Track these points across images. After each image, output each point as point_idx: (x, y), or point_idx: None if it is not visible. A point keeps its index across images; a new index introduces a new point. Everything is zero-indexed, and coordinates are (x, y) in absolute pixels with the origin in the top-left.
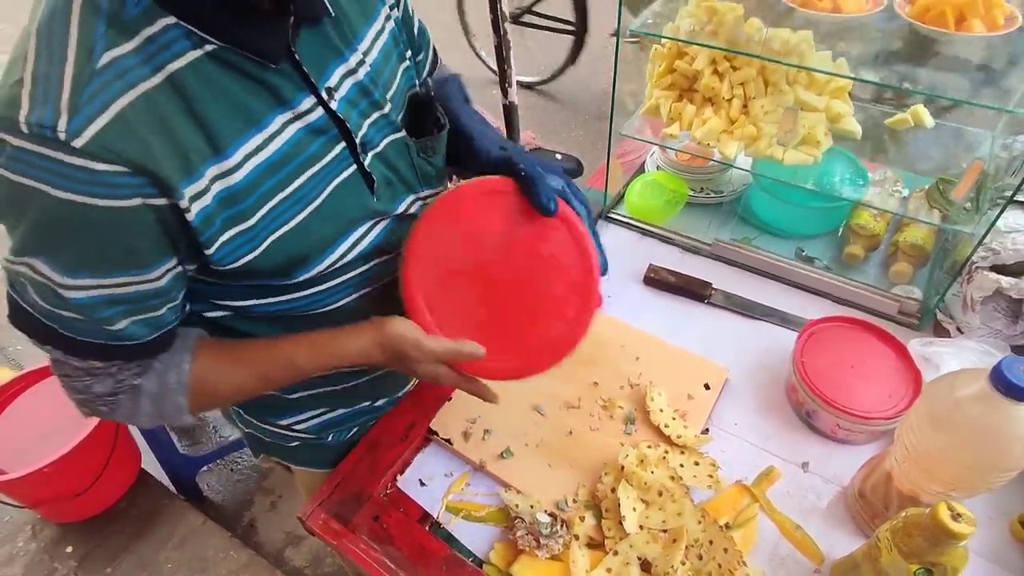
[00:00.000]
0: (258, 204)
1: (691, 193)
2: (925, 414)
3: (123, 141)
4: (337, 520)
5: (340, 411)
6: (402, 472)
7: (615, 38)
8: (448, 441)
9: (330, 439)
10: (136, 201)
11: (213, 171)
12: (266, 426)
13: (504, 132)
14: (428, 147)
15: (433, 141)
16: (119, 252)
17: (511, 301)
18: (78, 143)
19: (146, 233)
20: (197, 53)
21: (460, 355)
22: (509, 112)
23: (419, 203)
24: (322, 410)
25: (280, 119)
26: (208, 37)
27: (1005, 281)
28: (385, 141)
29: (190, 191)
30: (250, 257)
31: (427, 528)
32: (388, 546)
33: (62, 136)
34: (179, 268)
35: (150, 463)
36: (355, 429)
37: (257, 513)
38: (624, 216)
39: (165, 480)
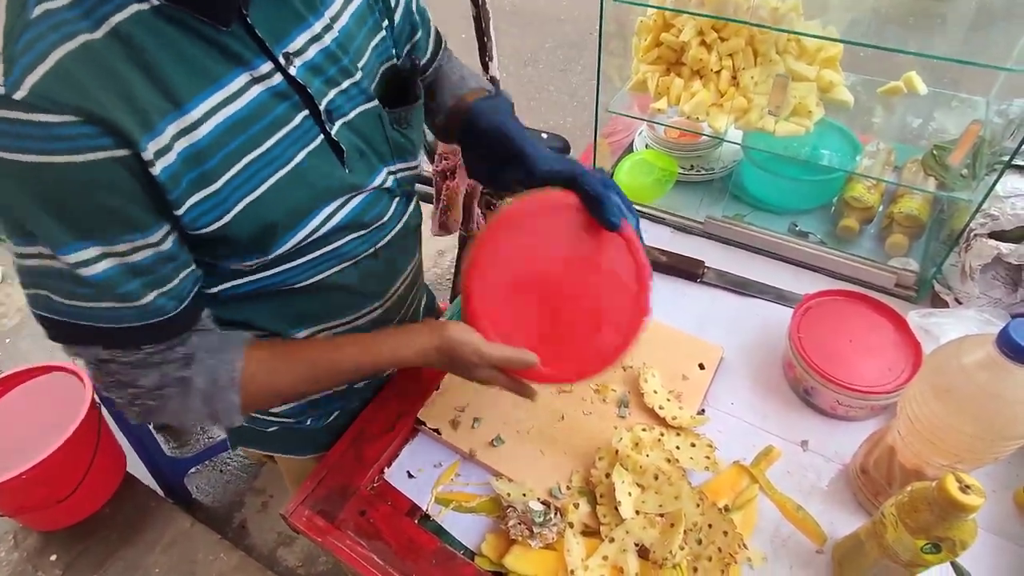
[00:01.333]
0: (225, 165)
1: (681, 171)
2: (929, 383)
3: (66, 90)
4: (322, 516)
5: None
6: (389, 464)
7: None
8: (436, 431)
9: (308, 423)
10: (98, 155)
11: (174, 128)
12: None
13: None
14: (403, 118)
15: (408, 112)
16: (106, 214)
17: (568, 310)
18: (18, 95)
19: (124, 191)
20: (142, 6)
21: (517, 364)
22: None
23: (392, 177)
24: None
25: (241, 79)
26: None
27: (1004, 247)
28: (356, 111)
29: (152, 146)
30: (220, 223)
31: (416, 521)
32: (375, 541)
33: (1, 91)
34: (176, 231)
35: (136, 467)
36: (335, 413)
37: (248, 514)
38: None
39: (152, 483)
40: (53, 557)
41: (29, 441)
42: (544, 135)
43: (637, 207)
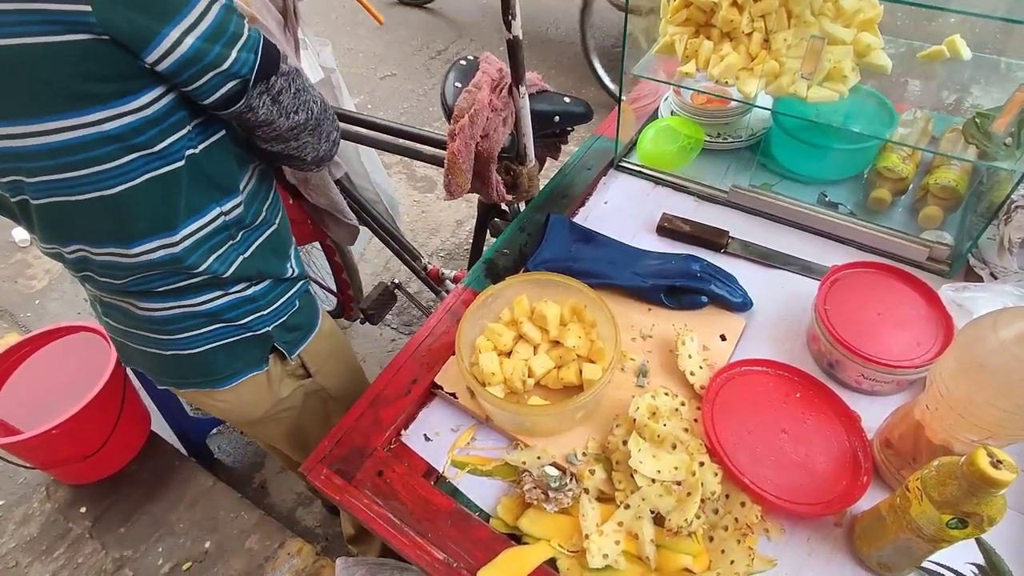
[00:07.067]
0: None
1: (707, 138)
2: (963, 357)
3: None
4: (340, 475)
5: None
6: (406, 427)
7: None
8: (453, 395)
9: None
10: None
11: None
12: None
13: (509, 70)
14: None
15: None
16: None
17: None
18: None
19: None
20: None
21: None
22: (514, 48)
23: None
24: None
25: None
26: None
27: None
28: None
29: None
30: None
31: (432, 483)
32: (392, 501)
33: None
34: None
35: (160, 427)
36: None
37: (267, 475)
38: (636, 164)
39: (176, 443)
40: (83, 509)
41: (57, 398)
42: (567, 98)
43: (661, 176)
